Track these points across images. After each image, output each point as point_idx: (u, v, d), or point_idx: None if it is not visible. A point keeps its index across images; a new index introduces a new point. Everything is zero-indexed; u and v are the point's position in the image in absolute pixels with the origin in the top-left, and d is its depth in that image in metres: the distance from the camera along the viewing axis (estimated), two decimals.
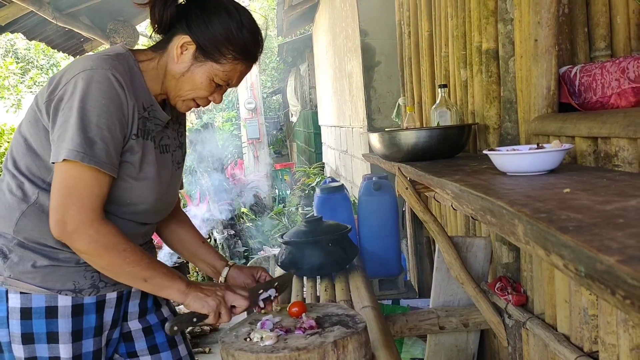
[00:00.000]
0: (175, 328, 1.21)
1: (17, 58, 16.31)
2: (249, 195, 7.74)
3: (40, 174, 1.16)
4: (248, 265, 3.28)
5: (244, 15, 1.22)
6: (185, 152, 1.41)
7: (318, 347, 1.10)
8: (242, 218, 6.66)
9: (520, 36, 1.52)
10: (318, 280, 2.01)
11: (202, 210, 6.43)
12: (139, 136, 1.17)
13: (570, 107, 1.33)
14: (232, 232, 6.07)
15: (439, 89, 1.98)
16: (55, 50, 4.77)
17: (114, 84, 1.09)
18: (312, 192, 7.24)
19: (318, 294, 1.91)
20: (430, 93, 2.45)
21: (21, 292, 1.15)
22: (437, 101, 1.97)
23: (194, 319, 1.21)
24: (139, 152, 1.17)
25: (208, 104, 1.26)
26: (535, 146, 1.11)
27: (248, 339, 1.18)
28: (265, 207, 7.95)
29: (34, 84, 18.03)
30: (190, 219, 1.50)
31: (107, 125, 1.08)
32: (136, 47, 1.13)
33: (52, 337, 1.16)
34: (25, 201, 1.15)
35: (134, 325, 1.34)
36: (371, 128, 3.93)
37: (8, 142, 11.68)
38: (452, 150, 1.71)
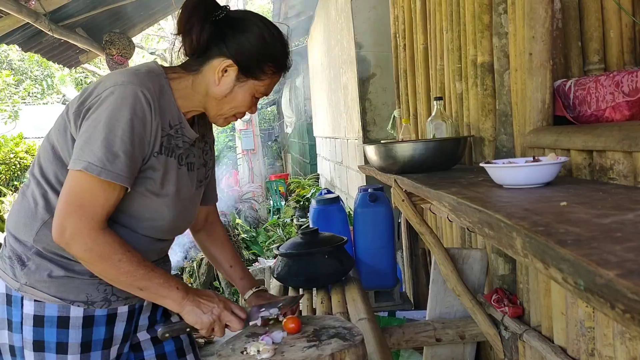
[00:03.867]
0: (167, 335, 1.23)
1: (12, 69, 16.30)
2: (244, 207, 7.72)
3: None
4: None
5: (273, 28, 1.26)
6: (210, 170, 1.42)
7: None
8: (237, 229, 6.64)
9: (515, 50, 1.53)
10: (314, 292, 2.00)
11: None
12: (162, 153, 1.18)
13: (565, 120, 1.34)
14: None
15: (435, 102, 1.99)
16: (50, 62, 4.77)
17: (141, 100, 1.11)
18: (307, 203, 7.24)
19: (314, 306, 1.90)
20: (425, 105, 2.47)
21: (35, 300, 1.17)
22: (433, 113, 1.98)
23: (187, 329, 1.23)
24: (161, 169, 1.19)
25: (244, 115, 1.30)
26: (532, 159, 1.12)
27: (245, 352, 1.17)
28: (260, 218, 7.94)
29: (28, 94, 18.00)
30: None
31: (131, 140, 1.10)
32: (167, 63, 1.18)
33: (62, 348, 1.17)
34: (47, 211, 1.17)
35: (143, 336, 1.35)
36: (366, 140, 3.94)
37: (2, 152, 11.64)
38: (448, 162, 1.72)
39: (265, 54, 1.22)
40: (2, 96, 13.04)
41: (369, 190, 2.59)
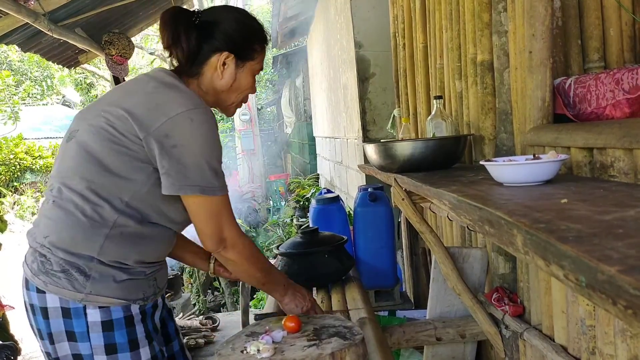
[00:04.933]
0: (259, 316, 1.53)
1: (12, 70, 16.29)
2: (244, 206, 7.72)
3: (120, 194, 1.23)
4: None
5: (241, 10, 1.40)
6: None
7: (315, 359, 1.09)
8: None
9: (514, 48, 1.53)
10: (314, 292, 2.00)
11: None
12: None
13: (565, 118, 1.34)
14: None
15: (434, 101, 1.99)
16: (50, 62, 4.77)
17: (215, 122, 1.25)
18: (306, 203, 7.23)
19: None
20: (425, 104, 2.46)
21: (100, 307, 1.24)
22: (433, 112, 1.98)
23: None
24: None
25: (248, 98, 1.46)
26: (532, 157, 1.12)
27: (245, 351, 1.17)
28: (260, 218, 7.93)
29: (28, 95, 17.98)
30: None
31: (219, 156, 1.26)
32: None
33: (134, 344, 1.28)
34: (105, 225, 1.22)
35: (171, 327, 1.50)
36: (366, 139, 3.94)
37: (6, 153, 11.61)
38: (448, 161, 1.72)
39: (249, 34, 1.35)
40: (1, 97, 13.03)
41: (369, 189, 2.58)
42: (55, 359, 1.27)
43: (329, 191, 3.06)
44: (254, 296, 5.29)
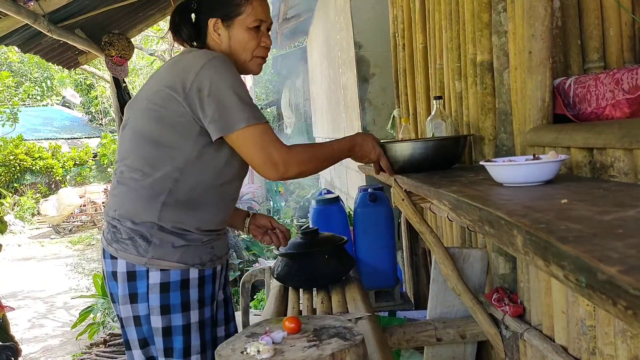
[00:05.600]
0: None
1: (12, 71, 16.29)
2: (244, 207, 7.72)
3: (173, 162, 1.38)
4: (242, 277, 3.27)
5: None
6: None
7: None
8: (237, 230, 6.63)
9: (514, 48, 1.53)
10: (314, 292, 1.99)
11: None
12: None
13: (565, 118, 1.34)
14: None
15: (434, 101, 1.99)
16: (50, 64, 4.76)
17: (231, 65, 1.38)
18: (307, 203, 7.23)
19: (314, 306, 1.89)
20: (425, 105, 2.46)
21: (161, 269, 1.38)
22: (432, 113, 1.98)
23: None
24: None
25: (266, 53, 1.51)
26: (532, 157, 1.12)
27: (245, 352, 1.17)
28: None
29: (28, 96, 17.98)
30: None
31: (244, 90, 1.36)
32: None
33: (186, 306, 1.40)
34: (162, 193, 1.38)
35: (221, 295, 1.59)
36: None
37: (5, 154, 11.60)
38: (447, 161, 1.72)
39: None
40: (1, 97, 13.02)
41: (369, 190, 2.58)
42: (121, 319, 1.43)
43: (329, 192, 3.06)
44: (254, 297, 5.28)
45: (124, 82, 4.92)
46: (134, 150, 1.41)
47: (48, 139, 15.46)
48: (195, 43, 1.51)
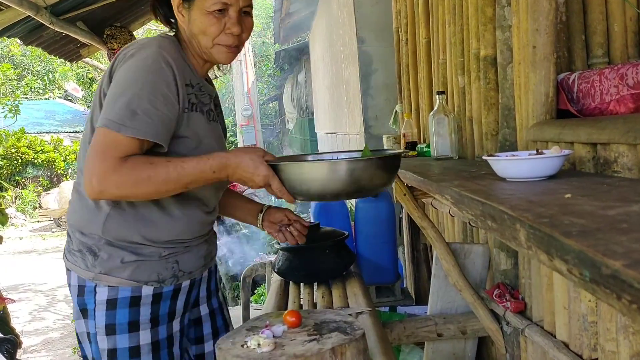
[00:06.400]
0: None
1: (14, 64, 16.28)
2: None
3: None
4: (243, 272, 3.27)
5: None
6: (225, 129, 1.46)
7: (316, 354, 1.09)
8: (238, 224, 6.64)
9: (518, 43, 1.52)
10: (315, 287, 1.99)
11: None
12: (192, 110, 1.22)
13: (569, 114, 1.33)
14: (228, 238, 6.05)
15: (437, 96, 1.98)
16: (52, 57, 4.76)
17: (160, 61, 1.16)
18: None
19: (315, 301, 1.89)
20: (427, 100, 2.45)
21: (109, 286, 1.23)
22: (435, 108, 1.97)
23: None
24: (195, 126, 1.23)
25: (236, 40, 1.25)
26: (535, 152, 1.11)
27: (245, 346, 1.17)
28: None
29: (30, 90, 17.99)
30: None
31: (151, 98, 1.13)
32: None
33: (134, 326, 1.24)
34: (106, 203, 1.22)
35: (204, 309, 1.44)
36: (368, 135, 3.93)
37: (4, 146, 11.65)
38: (367, 191, 1.25)
39: None
40: (3, 90, 13.02)
41: None
42: (77, 334, 1.32)
43: None
44: (255, 291, 5.29)
45: None
46: (82, 152, 1.25)
47: (50, 132, 15.46)
48: (171, 27, 1.33)
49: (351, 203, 3.94)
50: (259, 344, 1.15)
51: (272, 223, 1.57)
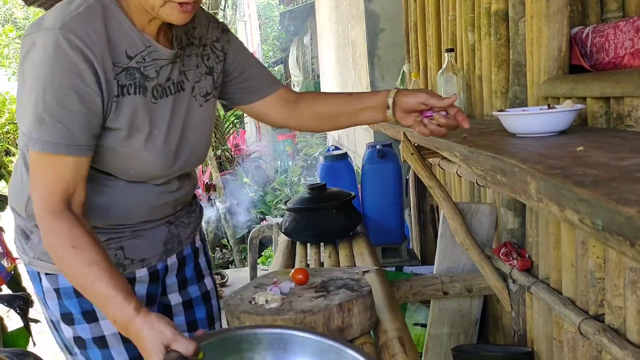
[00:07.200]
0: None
1: (17, 27, 16.12)
2: (251, 166, 7.73)
3: None
4: (250, 233, 3.29)
5: None
6: (220, 77, 1.20)
7: (323, 310, 1.10)
8: (245, 188, 6.67)
9: None
10: (322, 247, 2.00)
11: (206, 179, 6.44)
12: (124, 94, 1.00)
13: (581, 69, 1.30)
14: (235, 201, 6.09)
15: (446, 54, 1.93)
16: None
17: (63, 48, 0.91)
18: (314, 162, 7.23)
19: (322, 261, 1.91)
20: (436, 59, 2.41)
21: (46, 273, 1.10)
22: (444, 66, 1.93)
23: None
24: (128, 113, 1.01)
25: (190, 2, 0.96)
26: (546, 107, 1.09)
27: (253, 302, 1.18)
28: (268, 177, 7.95)
29: None
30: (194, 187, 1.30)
31: (59, 98, 0.92)
32: None
33: (91, 315, 1.10)
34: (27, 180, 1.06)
35: (174, 299, 1.28)
36: None
37: (10, 111, 11.65)
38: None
39: None
40: (6, 53, 12.91)
41: (377, 146, 2.56)
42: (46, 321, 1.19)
43: (337, 148, 3.04)
44: (262, 253, 5.35)
45: None
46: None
47: None
48: None
49: (358, 166, 3.93)
50: (267, 300, 1.16)
51: (407, 113, 1.14)
